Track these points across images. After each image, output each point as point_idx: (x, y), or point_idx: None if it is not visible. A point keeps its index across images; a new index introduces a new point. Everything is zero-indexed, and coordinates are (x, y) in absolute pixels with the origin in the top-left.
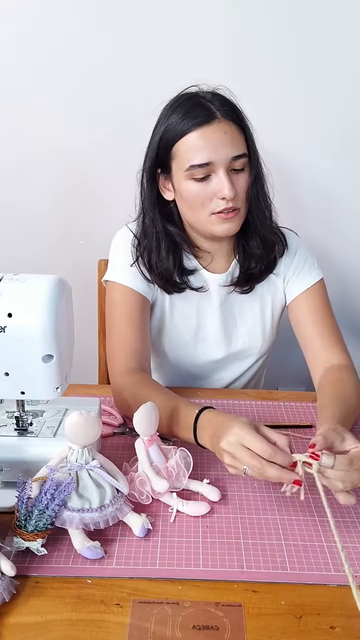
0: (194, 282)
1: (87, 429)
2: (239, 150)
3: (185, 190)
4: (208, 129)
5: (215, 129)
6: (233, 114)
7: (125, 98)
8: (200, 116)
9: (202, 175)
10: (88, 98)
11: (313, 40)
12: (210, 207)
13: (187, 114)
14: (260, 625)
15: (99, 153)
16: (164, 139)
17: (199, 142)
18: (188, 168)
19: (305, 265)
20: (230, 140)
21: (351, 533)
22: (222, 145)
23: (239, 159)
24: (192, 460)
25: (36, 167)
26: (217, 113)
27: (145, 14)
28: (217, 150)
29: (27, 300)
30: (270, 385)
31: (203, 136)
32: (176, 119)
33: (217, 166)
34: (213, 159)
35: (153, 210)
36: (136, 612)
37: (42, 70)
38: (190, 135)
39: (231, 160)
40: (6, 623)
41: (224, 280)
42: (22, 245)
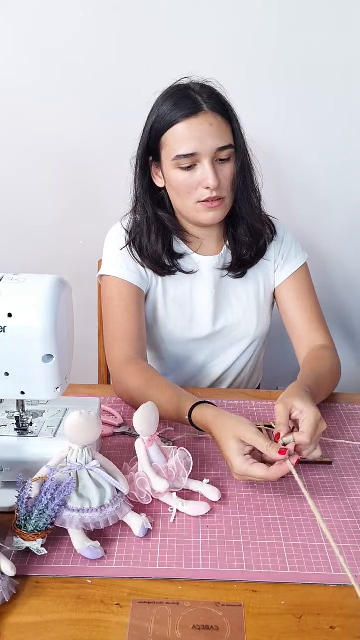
0: (184, 266)
1: (87, 429)
2: (225, 142)
3: (173, 178)
4: (195, 120)
5: (202, 121)
6: (220, 107)
7: (125, 99)
8: (187, 108)
9: (188, 164)
10: (88, 98)
11: (308, 34)
12: (196, 196)
13: (176, 105)
14: (260, 625)
15: (99, 153)
16: (154, 129)
17: (185, 133)
18: (174, 157)
19: (292, 250)
20: (216, 132)
21: (351, 533)
22: (207, 137)
23: (225, 150)
24: (192, 460)
25: (36, 167)
26: (204, 105)
27: (145, 9)
28: (202, 141)
29: (27, 300)
30: (270, 385)
31: (190, 127)
32: (166, 109)
33: (202, 156)
34: (198, 150)
35: (144, 196)
36: (136, 612)
37: (41, 70)
38: (178, 125)
39: (216, 151)
40: (6, 623)
41: (216, 263)
42: (22, 245)
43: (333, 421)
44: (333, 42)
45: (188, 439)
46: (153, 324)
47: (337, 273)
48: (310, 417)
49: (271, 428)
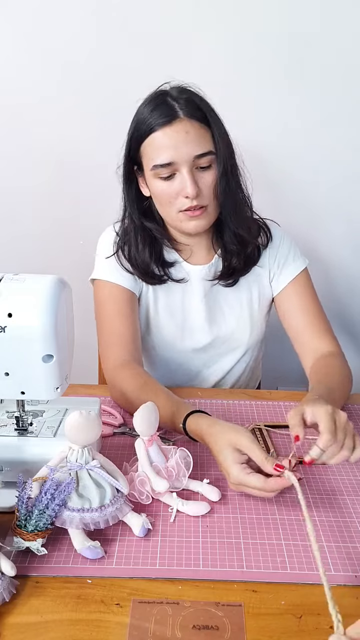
0: (175, 274)
1: (87, 429)
2: (203, 149)
3: (154, 188)
4: (170, 128)
5: (177, 129)
6: (197, 113)
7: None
8: (163, 116)
9: (166, 174)
10: (88, 98)
11: (308, 35)
12: (177, 205)
13: (152, 113)
14: (260, 625)
15: (99, 153)
16: (134, 137)
17: (162, 142)
18: (152, 167)
19: (290, 256)
20: (193, 139)
21: (351, 533)
22: (183, 145)
23: (203, 157)
24: (192, 460)
25: (36, 167)
26: (180, 112)
27: (145, 9)
28: (178, 150)
29: (27, 300)
30: (270, 385)
31: (165, 136)
32: (143, 117)
33: (180, 165)
34: (175, 159)
35: (131, 206)
36: (136, 612)
37: (41, 71)
38: (154, 134)
39: (194, 158)
40: (6, 623)
41: (206, 273)
42: (22, 246)
43: None
44: (333, 42)
45: (188, 439)
46: (145, 330)
47: (339, 276)
48: (322, 412)
49: (271, 428)
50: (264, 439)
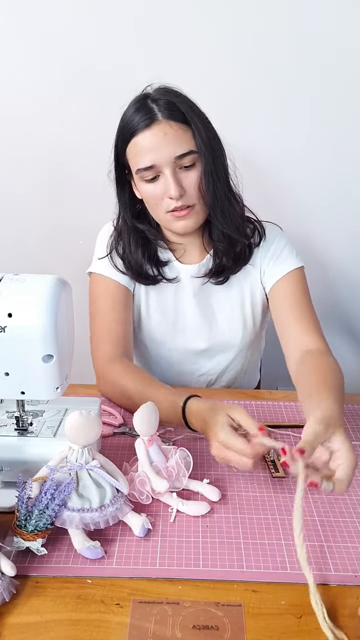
0: (168, 273)
1: (87, 429)
2: (183, 149)
3: (141, 191)
4: (149, 132)
5: (156, 131)
6: (176, 113)
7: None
8: (142, 120)
9: (150, 176)
10: (89, 98)
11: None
12: (164, 206)
13: (132, 117)
14: (260, 625)
15: (99, 153)
16: (119, 142)
17: (142, 146)
18: (136, 171)
19: (282, 254)
20: (172, 140)
21: (351, 533)
22: (163, 147)
23: (185, 157)
24: (192, 460)
25: (36, 167)
26: (158, 115)
27: (145, 9)
28: (158, 152)
29: (27, 300)
30: (270, 385)
31: (145, 139)
32: (125, 122)
33: (162, 167)
34: (156, 161)
35: (124, 209)
36: (136, 612)
37: (41, 71)
38: (135, 139)
39: (175, 159)
40: (6, 623)
41: (196, 272)
42: (22, 245)
43: None
44: (333, 43)
45: (188, 439)
46: (138, 329)
47: (337, 278)
48: (348, 464)
49: (271, 428)
50: None
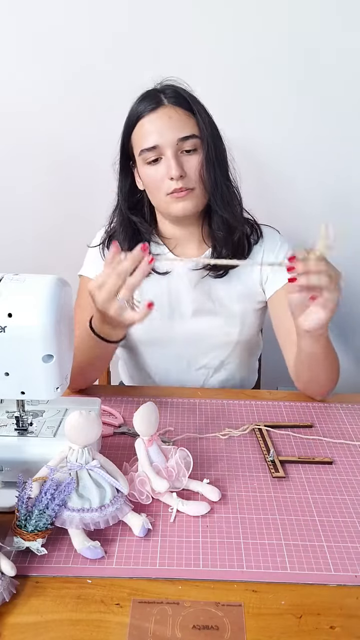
0: (160, 267)
1: (87, 429)
2: (186, 132)
3: (143, 174)
4: (154, 114)
5: (161, 114)
6: (180, 100)
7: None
8: (149, 104)
9: (152, 157)
10: (87, 98)
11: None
12: (164, 189)
13: (139, 103)
14: (260, 625)
15: (99, 153)
16: (125, 130)
17: (147, 128)
18: (140, 153)
19: None
20: (176, 124)
21: (351, 533)
22: (167, 129)
23: (187, 140)
24: (192, 460)
25: (36, 167)
26: (164, 100)
27: (147, 12)
28: (162, 134)
29: (27, 300)
30: (270, 385)
31: (151, 122)
32: (132, 110)
33: (164, 149)
34: (159, 142)
35: (122, 198)
36: (136, 612)
37: (41, 70)
38: (141, 122)
39: (178, 141)
40: (6, 623)
41: (195, 264)
42: (22, 245)
43: (333, 421)
44: (333, 41)
45: (188, 439)
46: (134, 328)
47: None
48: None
49: (271, 428)
50: (264, 439)
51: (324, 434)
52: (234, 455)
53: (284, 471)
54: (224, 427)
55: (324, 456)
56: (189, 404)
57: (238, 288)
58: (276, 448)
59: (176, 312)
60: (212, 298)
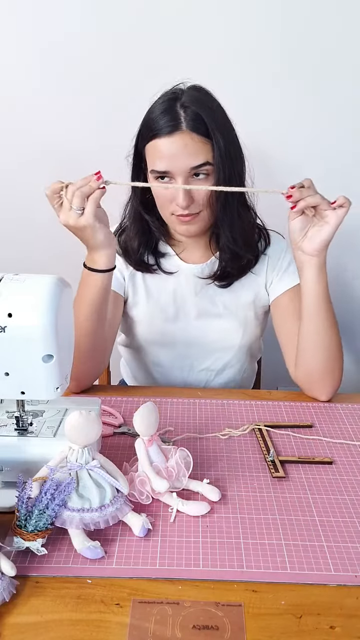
0: (167, 267)
1: (87, 429)
2: (199, 160)
3: (153, 187)
4: (170, 139)
5: (177, 140)
6: (199, 124)
7: (125, 97)
8: (167, 125)
9: (163, 179)
10: (88, 96)
11: (310, 37)
12: (170, 209)
13: (158, 118)
14: (260, 625)
15: (100, 153)
16: (140, 137)
17: (161, 150)
18: (151, 171)
19: (291, 267)
20: (191, 152)
21: (351, 533)
22: (181, 157)
23: (200, 167)
24: (192, 460)
25: (36, 166)
26: (182, 124)
27: (147, 12)
28: (175, 161)
29: (27, 300)
30: (270, 385)
31: (164, 145)
32: (150, 120)
33: (175, 175)
34: (171, 169)
35: (134, 194)
36: (136, 612)
37: (45, 72)
38: (156, 141)
39: (190, 169)
40: (6, 623)
41: (200, 272)
42: (22, 245)
43: (333, 421)
44: (335, 40)
45: (188, 439)
46: (137, 325)
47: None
48: None
49: (271, 428)
50: (264, 439)
51: (324, 434)
52: (234, 455)
53: (284, 471)
54: (224, 427)
55: (324, 456)
56: (189, 404)
57: (243, 294)
58: (276, 448)
59: (180, 314)
60: (216, 302)
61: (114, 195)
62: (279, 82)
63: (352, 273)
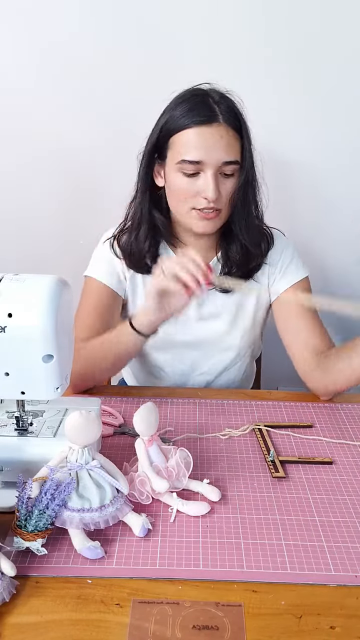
0: None
1: (87, 429)
2: (231, 157)
3: (174, 181)
4: (207, 129)
5: (213, 131)
6: (235, 121)
7: (125, 99)
8: (202, 115)
9: (191, 171)
10: (89, 98)
11: (316, 40)
12: (193, 203)
13: (192, 109)
14: (260, 625)
15: (100, 153)
16: (165, 128)
17: (195, 139)
18: (179, 161)
19: (291, 264)
20: (225, 146)
21: (351, 533)
22: (216, 148)
23: (230, 165)
24: (192, 460)
25: (36, 167)
26: (219, 117)
27: (146, 11)
28: (209, 152)
29: (27, 300)
30: (270, 385)
31: (200, 135)
32: (180, 111)
33: (206, 166)
34: (204, 159)
35: (144, 193)
36: (136, 612)
37: (44, 72)
38: (189, 130)
39: (222, 164)
40: (6, 623)
41: None
42: (22, 246)
43: (333, 421)
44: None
45: (188, 439)
46: None
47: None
48: None
49: (271, 428)
50: (264, 439)
51: (324, 434)
52: (234, 455)
53: (284, 471)
54: (224, 427)
55: (324, 456)
56: (189, 404)
57: (245, 300)
58: (276, 448)
59: (181, 317)
60: (217, 304)
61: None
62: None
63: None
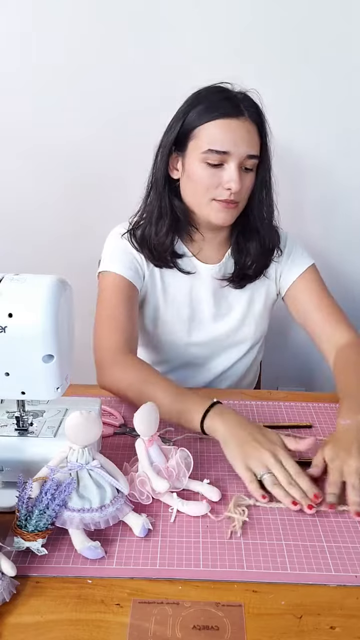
0: (183, 266)
1: (87, 429)
2: (254, 151)
3: (195, 172)
4: (234, 121)
5: (241, 124)
6: (258, 118)
7: (128, 101)
8: (229, 108)
9: (216, 162)
10: (90, 98)
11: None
12: (214, 193)
13: (217, 103)
14: (260, 625)
15: (100, 153)
16: (187, 121)
17: (223, 130)
18: (205, 151)
19: (295, 255)
20: (250, 140)
21: (351, 533)
22: (242, 141)
23: (252, 159)
24: (192, 460)
25: (37, 167)
26: (245, 112)
27: (150, 9)
28: (236, 144)
29: (28, 300)
30: (270, 385)
31: (229, 126)
32: (207, 104)
33: (232, 158)
34: (231, 150)
35: (163, 185)
36: (136, 612)
37: (45, 72)
38: (217, 122)
39: (246, 157)
40: (6, 623)
41: (216, 272)
42: (22, 245)
43: (333, 421)
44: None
45: (188, 439)
46: (153, 324)
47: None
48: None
49: (271, 428)
50: None
51: (324, 434)
52: None
53: None
54: None
55: None
56: None
57: (256, 292)
58: None
59: (196, 316)
60: (230, 301)
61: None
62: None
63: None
